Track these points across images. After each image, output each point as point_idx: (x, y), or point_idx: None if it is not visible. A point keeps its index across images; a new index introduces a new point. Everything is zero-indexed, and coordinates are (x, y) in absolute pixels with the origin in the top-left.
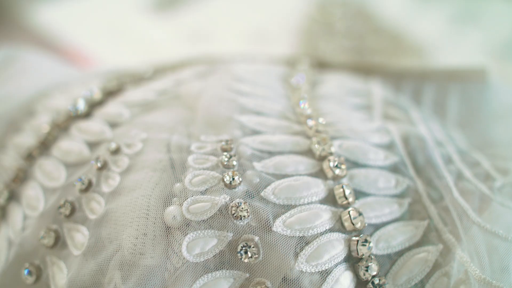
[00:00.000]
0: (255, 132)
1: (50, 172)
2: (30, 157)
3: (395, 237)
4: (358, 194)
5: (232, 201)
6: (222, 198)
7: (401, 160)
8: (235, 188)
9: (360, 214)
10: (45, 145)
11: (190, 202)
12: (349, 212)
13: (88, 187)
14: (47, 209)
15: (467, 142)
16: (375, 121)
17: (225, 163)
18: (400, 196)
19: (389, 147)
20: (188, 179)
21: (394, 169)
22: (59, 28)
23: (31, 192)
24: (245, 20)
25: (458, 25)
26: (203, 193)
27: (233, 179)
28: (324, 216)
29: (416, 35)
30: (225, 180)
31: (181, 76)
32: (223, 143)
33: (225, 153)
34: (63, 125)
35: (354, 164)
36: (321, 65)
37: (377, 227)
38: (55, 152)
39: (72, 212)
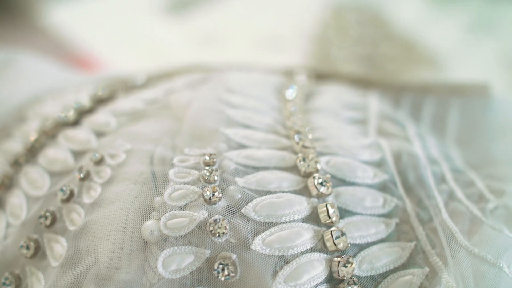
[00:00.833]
0: (241, 146)
1: (35, 180)
2: (16, 164)
3: (380, 259)
4: (344, 212)
5: (211, 218)
6: (201, 214)
7: (391, 178)
8: (215, 204)
9: (343, 234)
10: (32, 152)
11: (168, 217)
12: (331, 231)
13: (69, 197)
14: (29, 218)
15: (465, 159)
16: (368, 136)
17: (207, 177)
18: (388, 215)
19: (380, 164)
20: (168, 193)
21: (383, 187)
22: (71, 29)
23: (15, 200)
24: (258, 25)
25: (473, 34)
26: (182, 208)
27: (213, 194)
28: (306, 235)
29: (430, 43)
30: (204, 195)
31: (173, 85)
32: (206, 157)
33: (207, 168)
34: (50, 133)
35: (341, 181)
36: (320, 77)
37: (361, 247)
38: (41, 160)
39: (53, 222)
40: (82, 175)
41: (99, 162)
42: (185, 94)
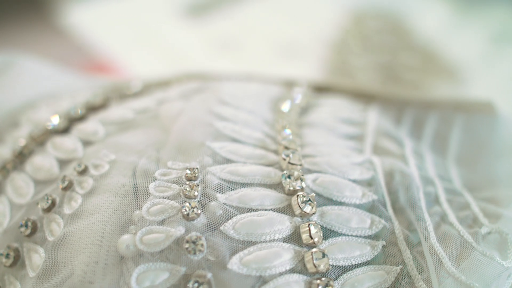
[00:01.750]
0: (227, 161)
1: (20, 188)
2: (4, 170)
3: (363, 282)
4: (329, 233)
5: (188, 234)
6: (178, 230)
7: (380, 198)
8: (193, 220)
9: (324, 255)
10: (20, 159)
11: (145, 232)
12: (312, 253)
13: (51, 207)
14: (11, 226)
15: (465, 179)
16: (363, 153)
17: (187, 193)
18: (375, 237)
19: (370, 183)
20: (146, 208)
21: (371, 208)
22: (90, 30)
23: (0, 207)
24: (277, 31)
25: (495, 46)
26: (160, 223)
27: (192, 210)
28: (285, 256)
29: (451, 55)
30: (182, 211)
31: (167, 94)
32: (188, 171)
33: (188, 182)
34: (39, 139)
35: (328, 200)
36: (321, 89)
37: (344, 270)
38: (28, 167)
39: (33, 231)
40: (64, 185)
41: (83, 172)
42: (176, 104)
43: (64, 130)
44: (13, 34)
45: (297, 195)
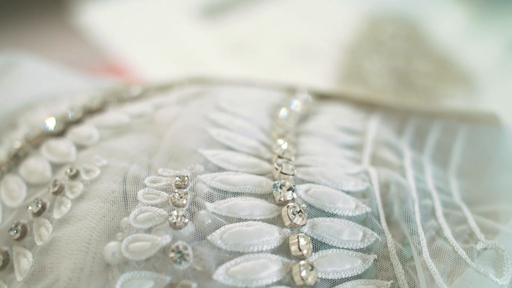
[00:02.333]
0: (219, 169)
1: (13, 191)
2: None
3: None
4: (320, 245)
5: (174, 243)
6: (164, 239)
7: (374, 211)
8: (180, 228)
9: (312, 268)
10: (14, 161)
11: (131, 240)
12: (300, 265)
13: (41, 211)
14: (2, 229)
15: (466, 192)
16: (361, 163)
17: (175, 201)
18: (366, 251)
19: (364, 195)
20: (134, 215)
21: (365, 220)
22: (104, 30)
23: None
24: (292, 34)
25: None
26: (147, 231)
27: (179, 219)
28: (273, 268)
29: (466, 62)
30: (170, 219)
31: (165, 99)
32: (177, 179)
33: (177, 190)
34: (34, 142)
35: (320, 211)
36: (323, 97)
37: (333, 283)
38: (22, 169)
39: (23, 235)
40: (55, 189)
41: (74, 176)
42: (172, 109)
43: (60, 133)
44: (29, 34)
45: (288, 206)
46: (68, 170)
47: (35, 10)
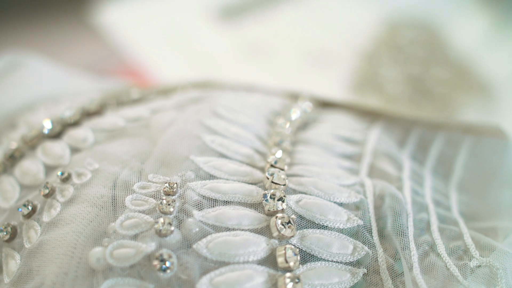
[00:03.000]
0: (210, 176)
1: (6, 191)
2: None
3: None
4: (308, 257)
5: (158, 251)
6: (149, 246)
7: (366, 224)
8: (166, 236)
9: (298, 281)
10: (10, 162)
11: (116, 246)
12: (285, 277)
13: (31, 213)
14: None
15: (466, 206)
16: (359, 174)
17: (162, 208)
18: (356, 264)
19: (358, 207)
20: (120, 221)
21: (356, 233)
22: (121, 30)
23: None
24: (309, 39)
25: None
26: (132, 237)
27: (165, 226)
28: (258, 279)
29: (484, 71)
30: (155, 227)
31: (162, 103)
32: (167, 185)
33: (166, 197)
34: (30, 143)
35: (310, 223)
36: (325, 105)
37: None
38: (16, 170)
39: (12, 237)
40: (46, 192)
41: (65, 179)
42: (168, 114)
43: (57, 135)
44: (48, 33)
45: (276, 216)
46: (60, 173)
47: (53, 9)
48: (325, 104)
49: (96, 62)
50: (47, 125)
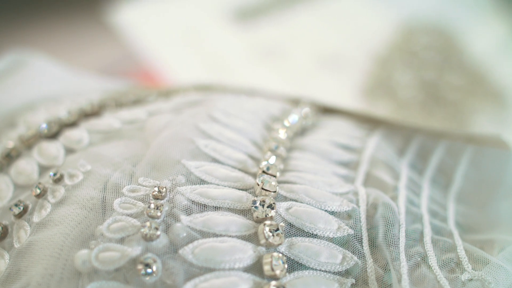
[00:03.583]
0: (201, 181)
1: (0, 190)
2: None
3: None
4: (296, 265)
5: (143, 256)
6: (134, 250)
7: (357, 233)
8: (152, 240)
9: None
10: (7, 161)
11: (101, 249)
12: (270, 286)
13: (22, 213)
14: None
15: (464, 217)
16: (354, 182)
17: (150, 212)
18: (345, 274)
19: (349, 216)
20: (107, 224)
21: (346, 242)
22: (136, 30)
23: None
24: (323, 42)
25: None
26: (119, 241)
27: (152, 231)
28: (242, 287)
29: (499, 78)
30: (142, 231)
31: (160, 106)
32: (156, 189)
33: (154, 201)
34: (27, 143)
35: (299, 231)
36: (326, 111)
37: None
38: (12, 170)
39: (3, 236)
40: (37, 192)
41: (58, 180)
42: (164, 117)
43: (54, 135)
44: (64, 33)
45: (264, 224)
46: (52, 174)
47: (69, 8)
48: (326, 110)
49: (112, 64)
50: (45, 125)
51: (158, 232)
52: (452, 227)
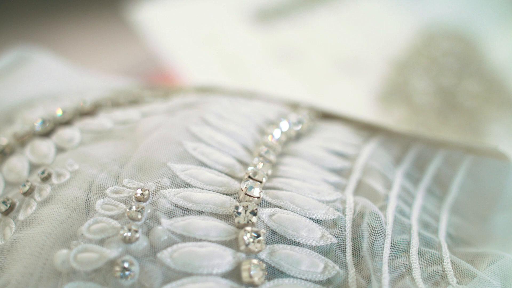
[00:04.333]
0: (186, 184)
1: None
2: None
3: None
4: (277, 273)
5: (121, 258)
6: (112, 252)
7: (341, 242)
8: (131, 243)
9: None
10: (0, 158)
11: (80, 249)
12: None
13: (8, 210)
14: None
15: (458, 229)
16: (345, 190)
17: (130, 214)
18: (326, 283)
19: (335, 225)
20: (88, 225)
21: (329, 251)
22: (156, 30)
23: None
24: (341, 45)
25: None
26: (98, 242)
27: (131, 233)
28: None
29: None
30: (121, 232)
31: (154, 107)
32: (139, 191)
33: (137, 203)
34: (21, 140)
35: (282, 238)
36: (326, 116)
37: None
38: (4, 167)
39: None
40: (25, 190)
41: (45, 179)
42: (156, 119)
43: (48, 133)
44: (86, 32)
45: (245, 230)
46: (41, 172)
47: (90, 6)
48: (326, 116)
49: (132, 65)
50: (39, 123)
51: (138, 235)
52: (442, 239)
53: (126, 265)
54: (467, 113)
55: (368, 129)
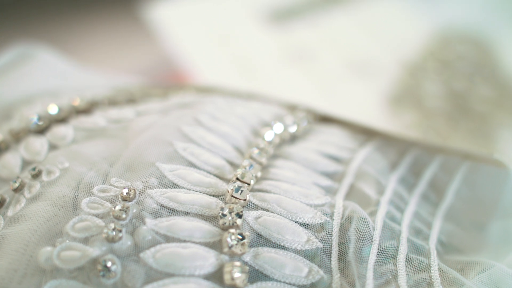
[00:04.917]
0: (173, 185)
1: None
2: None
3: None
4: (260, 276)
5: (103, 256)
6: (95, 251)
7: (327, 247)
8: (115, 242)
9: None
10: None
11: (64, 247)
12: None
13: None
14: None
15: (451, 236)
16: (336, 195)
17: (115, 213)
18: None
19: (322, 229)
20: (73, 223)
21: (314, 256)
22: (168, 26)
23: None
24: (354, 46)
25: None
26: (82, 240)
27: (114, 232)
28: None
29: None
30: (104, 231)
31: (150, 106)
32: (125, 190)
33: (123, 202)
34: (16, 136)
35: (266, 241)
36: (324, 119)
37: None
38: None
39: None
40: (15, 186)
41: (36, 176)
42: (149, 118)
43: (42, 130)
44: (100, 32)
45: (229, 232)
46: (32, 169)
47: (105, 7)
48: (324, 118)
49: (146, 66)
50: (34, 119)
51: (121, 234)
52: (432, 246)
53: (108, 264)
54: (478, 118)
55: (365, 133)
